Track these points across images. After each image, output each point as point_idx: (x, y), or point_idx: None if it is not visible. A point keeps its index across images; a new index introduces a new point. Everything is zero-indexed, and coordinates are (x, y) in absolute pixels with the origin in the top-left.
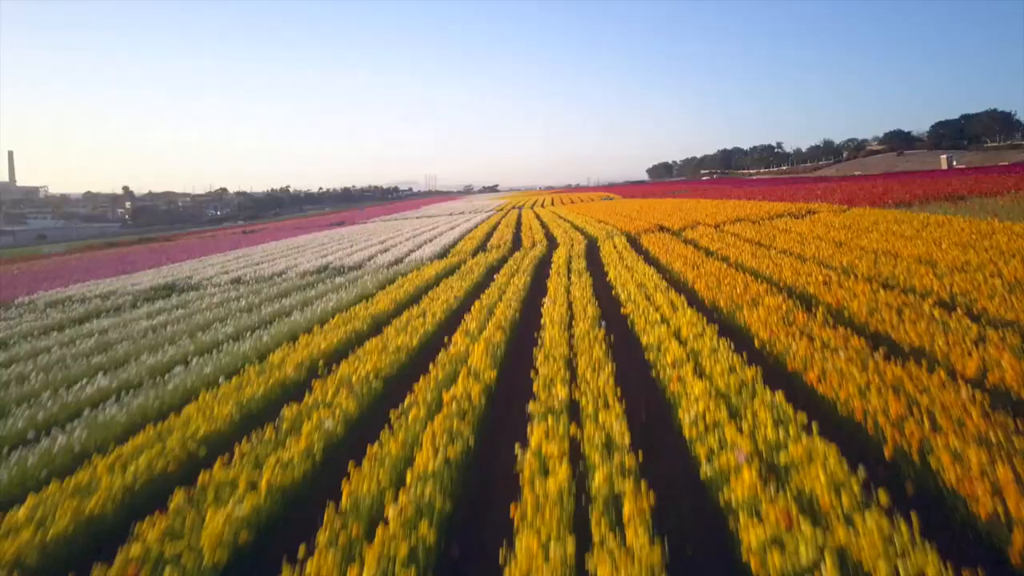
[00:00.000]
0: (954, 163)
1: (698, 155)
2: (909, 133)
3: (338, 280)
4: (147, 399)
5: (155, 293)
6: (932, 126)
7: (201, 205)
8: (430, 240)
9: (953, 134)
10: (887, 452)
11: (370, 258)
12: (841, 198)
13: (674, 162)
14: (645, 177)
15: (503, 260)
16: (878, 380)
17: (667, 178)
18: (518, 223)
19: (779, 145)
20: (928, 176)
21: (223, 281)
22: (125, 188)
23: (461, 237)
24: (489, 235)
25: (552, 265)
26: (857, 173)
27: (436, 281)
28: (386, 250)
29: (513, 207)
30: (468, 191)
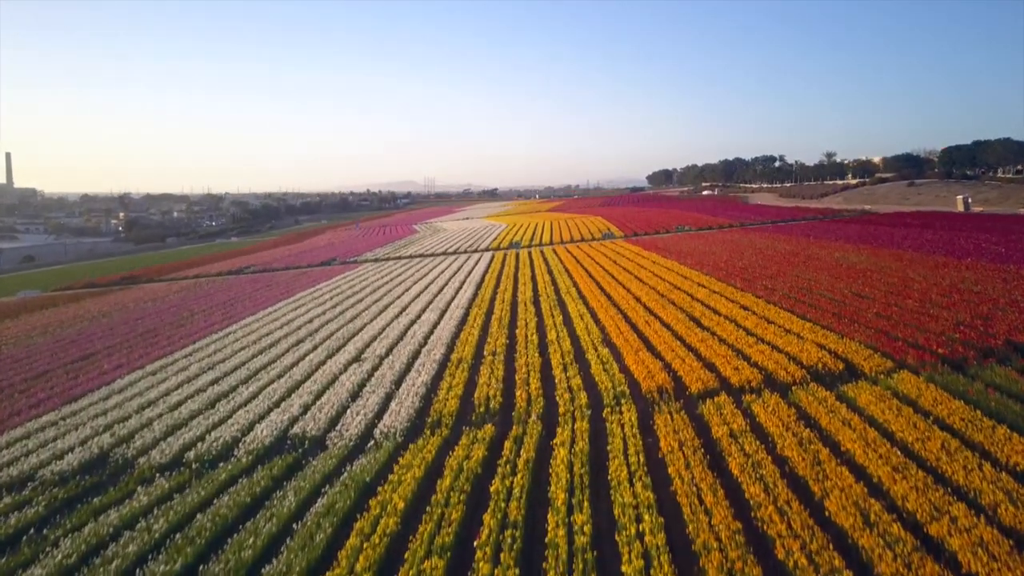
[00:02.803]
0: (970, 202)
1: (699, 163)
2: (918, 157)
3: (289, 500)
4: None
5: (77, 486)
6: (943, 150)
7: (196, 216)
8: (408, 367)
9: (964, 160)
10: None
11: (339, 414)
12: (887, 340)
13: (674, 169)
14: (645, 183)
15: (490, 461)
16: None
17: (667, 185)
18: (512, 321)
19: (781, 158)
20: (950, 232)
21: (163, 461)
22: (122, 197)
23: (446, 360)
24: (479, 354)
25: (549, 512)
26: (868, 208)
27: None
28: (358, 391)
29: (512, 243)
30: (467, 193)
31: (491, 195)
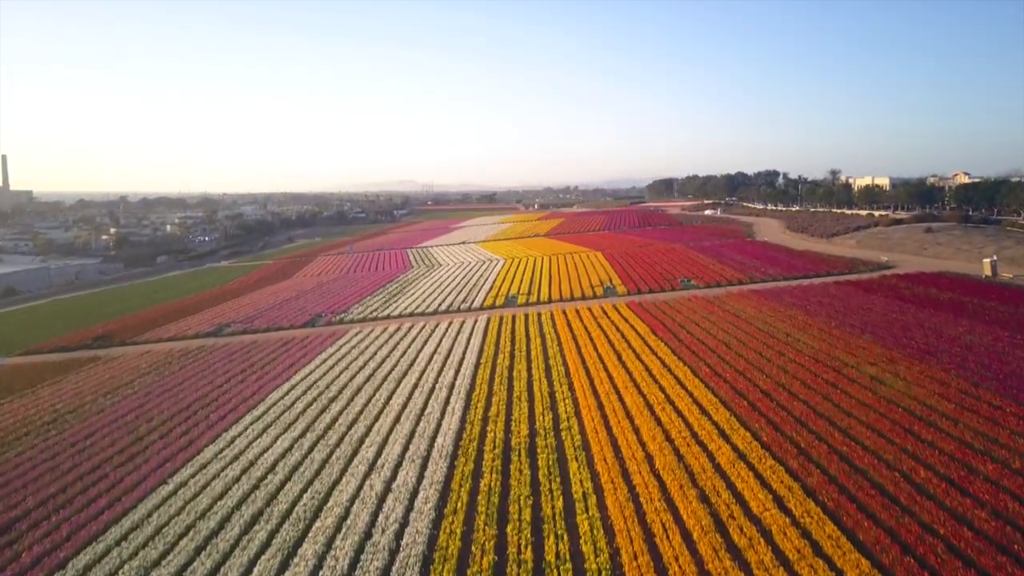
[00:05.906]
0: (997, 264)
1: (701, 174)
2: (930, 187)
3: None
4: None
5: None
6: (959, 186)
7: (189, 230)
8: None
9: (981, 199)
10: None
11: None
12: None
13: (675, 179)
14: (645, 191)
15: None
16: None
17: (668, 195)
18: (503, 503)
19: (785, 175)
20: (990, 327)
21: None
22: (112, 207)
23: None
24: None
25: None
26: (885, 259)
27: None
28: None
29: (508, 300)
30: (466, 197)
31: (489, 200)
